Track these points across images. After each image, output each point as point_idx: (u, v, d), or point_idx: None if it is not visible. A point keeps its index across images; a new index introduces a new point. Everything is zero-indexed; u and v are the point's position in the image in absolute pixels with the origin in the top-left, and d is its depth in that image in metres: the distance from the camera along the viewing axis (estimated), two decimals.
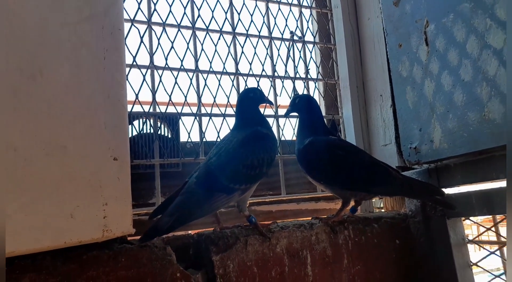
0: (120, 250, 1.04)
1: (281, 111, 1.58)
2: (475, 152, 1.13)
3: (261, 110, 1.48)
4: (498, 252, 1.34)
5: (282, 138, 1.59)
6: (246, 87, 1.52)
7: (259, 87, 1.46)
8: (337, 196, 1.48)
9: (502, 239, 1.27)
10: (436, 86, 1.25)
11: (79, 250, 0.98)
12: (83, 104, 0.95)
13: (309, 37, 1.73)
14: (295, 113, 1.42)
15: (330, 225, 1.30)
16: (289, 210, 1.54)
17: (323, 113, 1.75)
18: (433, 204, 1.30)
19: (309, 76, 1.70)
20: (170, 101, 1.37)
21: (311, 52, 1.72)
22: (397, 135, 1.46)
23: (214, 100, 1.45)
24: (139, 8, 1.37)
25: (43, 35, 0.89)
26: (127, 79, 1.30)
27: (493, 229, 1.31)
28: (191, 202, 1.09)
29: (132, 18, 1.35)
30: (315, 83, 1.71)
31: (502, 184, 1.13)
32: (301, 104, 1.37)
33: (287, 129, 1.63)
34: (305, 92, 1.67)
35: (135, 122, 1.36)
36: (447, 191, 1.27)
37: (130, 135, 1.36)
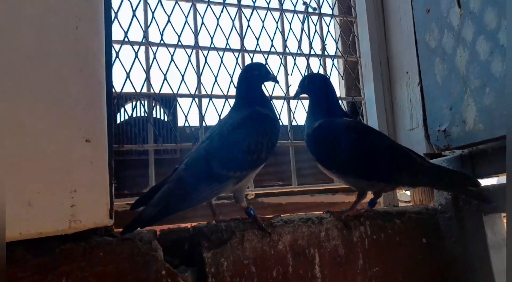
0: (98, 243, 0.94)
1: (293, 92, 1.43)
2: None
3: (270, 90, 1.34)
4: None
5: (294, 123, 1.42)
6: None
7: (264, 64, 1.29)
8: None
9: None
10: (470, 55, 1.04)
11: (53, 242, 0.89)
12: (48, 77, 0.85)
13: (326, 9, 1.55)
14: (306, 95, 1.26)
15: (343, 219, 1.13)
16: (302, 203, 1.39)
17: (343, 95, 1.58)
18: (466, 196, 1.10)
19: (326, 53, 1.52)
20: (165, 81, 1.24)
21: (328, 27, 1.53)
22: (425, 117, 1.26)
23: (216, 80, 1.31)
24: None
25: None
26: (117, 57, 1.20)
27: None
28: (178, 191, 0.98)
29: None
30: (332, 60, 1.52)
31: None
32: (312, 85, 1.23)
33: (300, 112, 1.47)
34: (321, 71, 1.49)
35: (128, 105, 1.24)
36: (484, 181, 1.07)
37: (122, 118, 1.26)
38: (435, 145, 1.17)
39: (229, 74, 1.34)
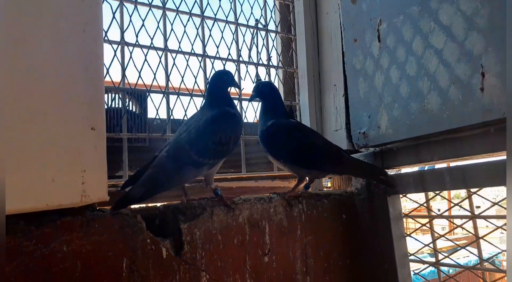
0: (93, 216, 1.08)
1: (245, 94, 1.69)
2: (414, 137, 1.30)
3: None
4: (428, 225, 1.55)
5: (245, 121, 1.68)
6: (214, 69, 1.60)
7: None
8: (290, 175, 1.62)
9: (432, 213, 1.49)
10: (385, 79, 1.41)
11: (51, 216, 1.01)
12: (62, 74, 0.98)
13: (272, 26, 1.84)
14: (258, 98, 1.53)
15: (287, 199, 1.43)
16: (248, 187, 1.65)
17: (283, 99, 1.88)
18: (377, 182, 1.48)
19: (271, 64, 1.81)
20: (139, 78, 1.41)
21: (273, 41, 1.82)
22: (348, 121, 1.61)
23: (182, 80, 1.51)
24: None
25: (23, 6, 0.91)
26: None
27: (425, 204, 1.51)
28: (162, 174, 1.15)
29: None
30: (275, 70, 1.82)
31: (436, 165, 1.33)
32: (264, 90, 1.48)
33: (249, 112, 1.73)
34: (267, 79, 1.77)
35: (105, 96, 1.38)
36: (390, 172, 1.45)
37: None
38: (356, 143, 1.53)
39: (194, 75, 1.55)
